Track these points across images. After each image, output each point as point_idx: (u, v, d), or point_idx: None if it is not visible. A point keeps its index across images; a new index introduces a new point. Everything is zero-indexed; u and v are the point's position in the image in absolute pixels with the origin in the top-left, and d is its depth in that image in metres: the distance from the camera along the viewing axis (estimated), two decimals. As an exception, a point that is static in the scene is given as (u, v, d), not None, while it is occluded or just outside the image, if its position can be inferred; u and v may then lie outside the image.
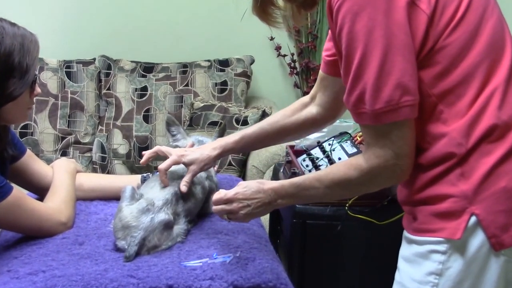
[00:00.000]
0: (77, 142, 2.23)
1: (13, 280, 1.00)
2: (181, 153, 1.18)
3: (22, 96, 1.10)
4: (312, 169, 1.31)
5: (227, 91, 2.28)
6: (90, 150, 2.24)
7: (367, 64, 0.80)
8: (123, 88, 2.28)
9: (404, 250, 0.90)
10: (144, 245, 1.08)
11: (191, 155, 1.17)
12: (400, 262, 0.91)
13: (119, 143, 2.23)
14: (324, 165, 1.31)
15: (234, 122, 2.12)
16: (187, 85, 2.27)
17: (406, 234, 0.90)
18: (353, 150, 1.30)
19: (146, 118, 2.24)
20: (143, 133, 2.23)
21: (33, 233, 1.16)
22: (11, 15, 1.17)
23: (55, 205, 1.19)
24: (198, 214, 1.24)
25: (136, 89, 2.27)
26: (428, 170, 0.84)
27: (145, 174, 1.33)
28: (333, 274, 1.33)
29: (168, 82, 2.28)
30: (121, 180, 1.35)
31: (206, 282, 0.98)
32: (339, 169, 0.92)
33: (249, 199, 0.99)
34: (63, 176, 1.27)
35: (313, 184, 0.94)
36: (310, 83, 2.35)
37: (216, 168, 1.39)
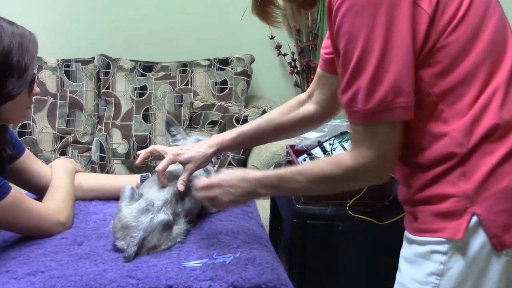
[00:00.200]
0: (76, 142, 2.22)
1: (12, 281, 0.99)
2: (177, 152, 1.17)
3: (21, 96, 1.09)
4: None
5: (227, 90, 2.28)
6: (89, 150, 2.24)
7: (364, 64, 0.80)
8: (122, 87, 2.27)
9: (405, 251, 0.90)
10: (144, 246, 1.08)
11: (187, 154, 1.17)
12: (401, 263, 0.90)
13: (118, 143, 2.22)
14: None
15: (234, 122, 2.11)
16: (187, 84, 2.27)
17: (407, 234, 0.89)
18: (354, 150, 1.29)
19: (146, 118, 2.24)
20: (143, 133, 2.22)
21: (32, 233, 1.15)
22: (10, 14, 1.17)
23: (54, 205, 1.19)
24: (198, 214, 1.24)
25: (136, 88, 2.26)
26: (429, 170, 0.84)
27: (145, 174, 1.33)
28: (334, 275, 1.33)
29: (168, 81, 2.27)
30: (120, 180, 1.35)
31: (206, 283, 0.97)
32: (324, 165, 0.93)
33: (233, 187, 1.01)
34: (62, 176, 1.27)
35: (296, 178, 0.95)
36: (311, 82, 2.34)
37: (216, 168, 1.39)
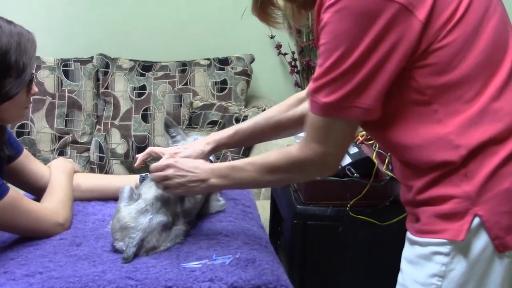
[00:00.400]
0: (75, 142, 2.21)
1: (10, 282, 0.99)
2: (174, 151, 1.17)
3: (19, 96, 1.09)
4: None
5: (227, 90, 2.27)
6: (88, 150, 2.23)
7: (340, 64, 0.81)
8: (121, 87, 2.26)
9: (407, 252, 0.89)
10: (143, 246, 1.07)
11: (184, 152, 1.17)
12: (403, 264, 0.90)
13: (117, 143, 2.21)
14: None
15: (234, 122, 2.11)
16: (186, 84, 2.26)
17: (409, 235, 0.89)
18: (355, 150, 1.29)
19: (145, 118, 2.23)
20: (142, 133, 2.22)
21: (30, 234, 1.15)
22: (8, 13, 1.16)
23: (52, 206, 1.18)
24: (198, 215, 1.23)
25: (135, 88, 2.26)
26: (430, 172, 0.83)
27: (144, 174, 1.32)
28: (335, 276, 1.33)
29: (167, 81, 2.26)
30: (119, 180, 1.35)
31: (206, 284, 0.97)
32: (273, 155, 0.96)
33: (186, 171, 1.05)
34: (61, 176, 1.26)
35: (246, 167, 0.98)
36: (311, 82, 2.34)
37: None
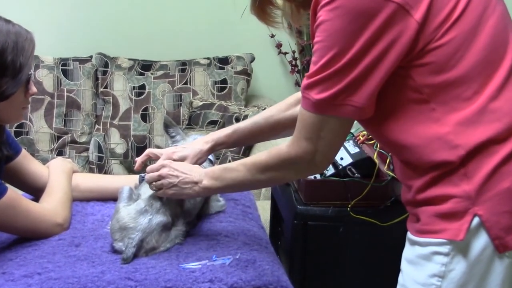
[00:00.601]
0: (74, 142, 2.21)
1: (8, 283, 0.98)
2: (171, 151, 1.17)
3: (16, 96, 1.08)
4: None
5: (227, 90, 2.26)
6: (87, 150, 2.23)
7: (334, 63, 0.81)
8: (121, 87, 2.26)
9: (407, 252, 0.89)
10: (142, 247, 1.07)
11: (182, 152, 1.16)
12: (403, 264, 0.90)
13: (117, 143, 2.21)
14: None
15: (234, 121, 2.10)
16: (186, 83, 2.26)
17: (409, 236, 0.89)
18: (356, 150, 1.29)
19: (144, 117, 2.22)
20: (141, 133, 2.21)
21: (29, 235, 1.14)
22: (7, 12, 1.15)
23: (51, 206, 1.18)
24: (197, 215, 1.23)
25: (134, 88, 2.25)
26: (429, 171, 0.83)
27: (143, 174, 1.31)
28: (335, 277, 1.32)
29: (167, 80, 2.26)
30: (119, 181, 1.34)
31: (205, 285, 0.97)
32: (263, 154, 0.96)
33: (180, 172, 1.06)
34: (59, 176, 1.26)
35: (238, 168, 0.99)
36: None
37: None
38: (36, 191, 1.26)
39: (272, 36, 2.37)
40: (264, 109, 2.12)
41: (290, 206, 1.33)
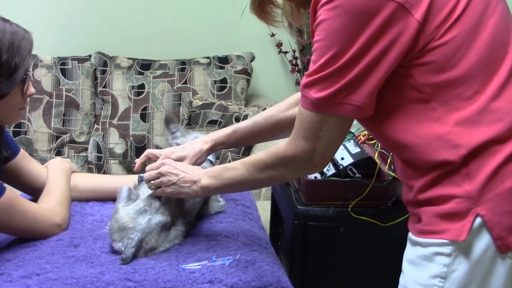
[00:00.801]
0: (72, 141, 2.20)
1: (6, 284, 0.98)
2: (170, 151, 1.17)
3: (12, 96, 1.07)
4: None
5: (227, 89, 2.26)
6: (86, 150, 2.22)
7: (334, 62, 0.80)
8: (120, 86, 2.25)
9: (409, 253, 0.89)
10: (141, 247, 1.07)
11: (181, 152, 1.16)
12: (405, 265, 0.89)
13: (116, 143, 2.20)
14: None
15: (234, 121, 2.10)
16: (186, 83, 2.25)
17: (411, 236, 0.88)
18: (356, 150, 1.28)
19: (143, 117, 2.22)
20: (140, 132, 2.20)
21: (27, 235, 1.14)
22: (6, 11, 1.14)
23: (50, 206, 1.18)
24: (197, 216, 1.23)
25: (133, 87, 2.25)
26: (431, 171, 0.83)
27: (142, 174, 1.31)
28: (336, 278, 1.32)
29: (166, 80, 2.25)
30: (118, 181, 1.34)
31: (205, 286, 0.97)
32: (261, 153, 0.96)
33: (180, 171, 1.07)
34: (58, 176, 1.25)
35: (236, 166, 0.99)
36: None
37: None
38: (35, 191, 1.26)
39: (272, 35, 2.36)
40: (264, 109, 2.13)
41: (291, 206, 1.33)
